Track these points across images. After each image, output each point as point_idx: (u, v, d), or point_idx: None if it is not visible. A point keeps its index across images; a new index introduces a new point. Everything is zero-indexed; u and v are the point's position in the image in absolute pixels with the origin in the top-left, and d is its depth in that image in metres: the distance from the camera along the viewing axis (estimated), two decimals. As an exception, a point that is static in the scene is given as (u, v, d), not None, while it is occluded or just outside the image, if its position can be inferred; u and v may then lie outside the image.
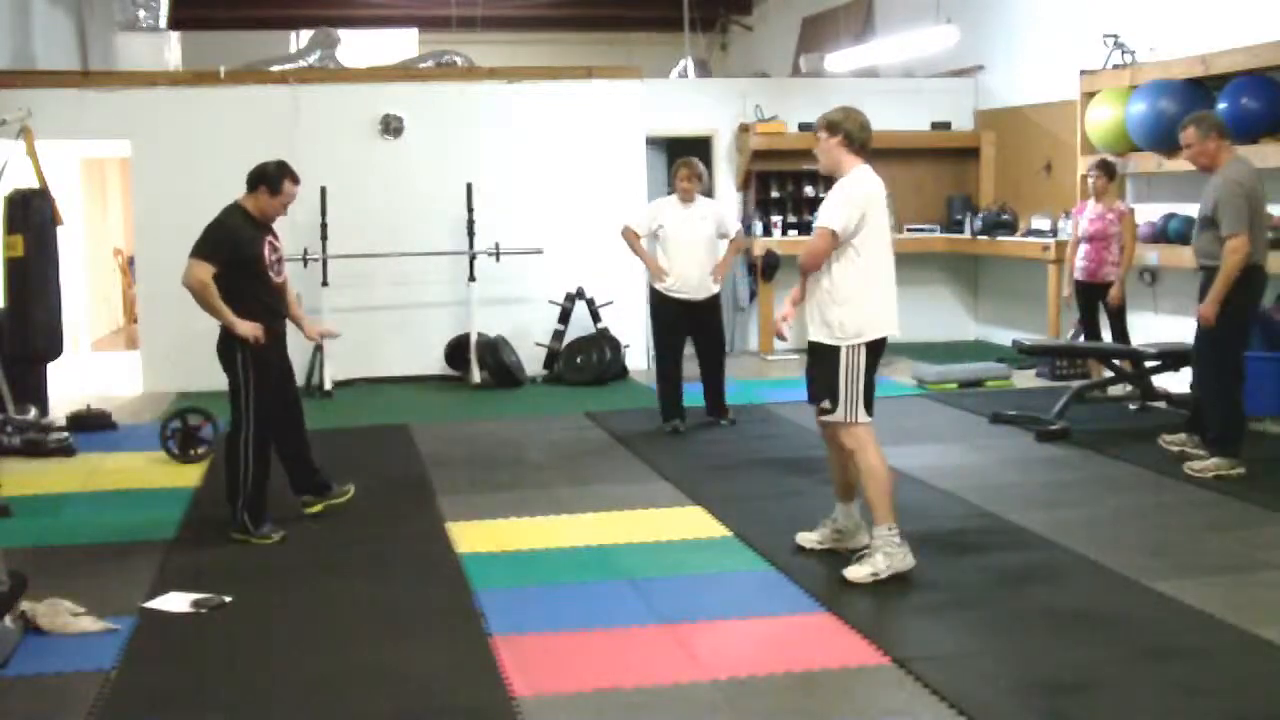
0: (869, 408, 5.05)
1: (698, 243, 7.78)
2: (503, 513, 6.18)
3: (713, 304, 7.98)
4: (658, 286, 7.92)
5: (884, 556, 4.95)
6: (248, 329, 5.56)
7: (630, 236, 8.00)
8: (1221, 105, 8.29)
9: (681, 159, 8.14)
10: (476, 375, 9.99)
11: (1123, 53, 9.55)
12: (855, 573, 4.95)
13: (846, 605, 4.73)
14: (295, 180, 5.85)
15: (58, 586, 4.82)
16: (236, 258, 5.63)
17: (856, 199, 4.97)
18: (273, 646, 4.45)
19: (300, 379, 6.77)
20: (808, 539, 5.39)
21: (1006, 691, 3.93)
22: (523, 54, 16.26)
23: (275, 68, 11.28)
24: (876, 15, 13.56)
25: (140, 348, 10.33)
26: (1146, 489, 6.45)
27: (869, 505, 5.05)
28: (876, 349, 5.07)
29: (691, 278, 7.79)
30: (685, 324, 7.92)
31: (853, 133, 5.03)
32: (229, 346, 5.65)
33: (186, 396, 9.05)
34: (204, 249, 5.60)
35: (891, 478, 5.09)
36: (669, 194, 8.17)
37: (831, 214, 4.97)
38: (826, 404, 5.04)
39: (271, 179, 5.75)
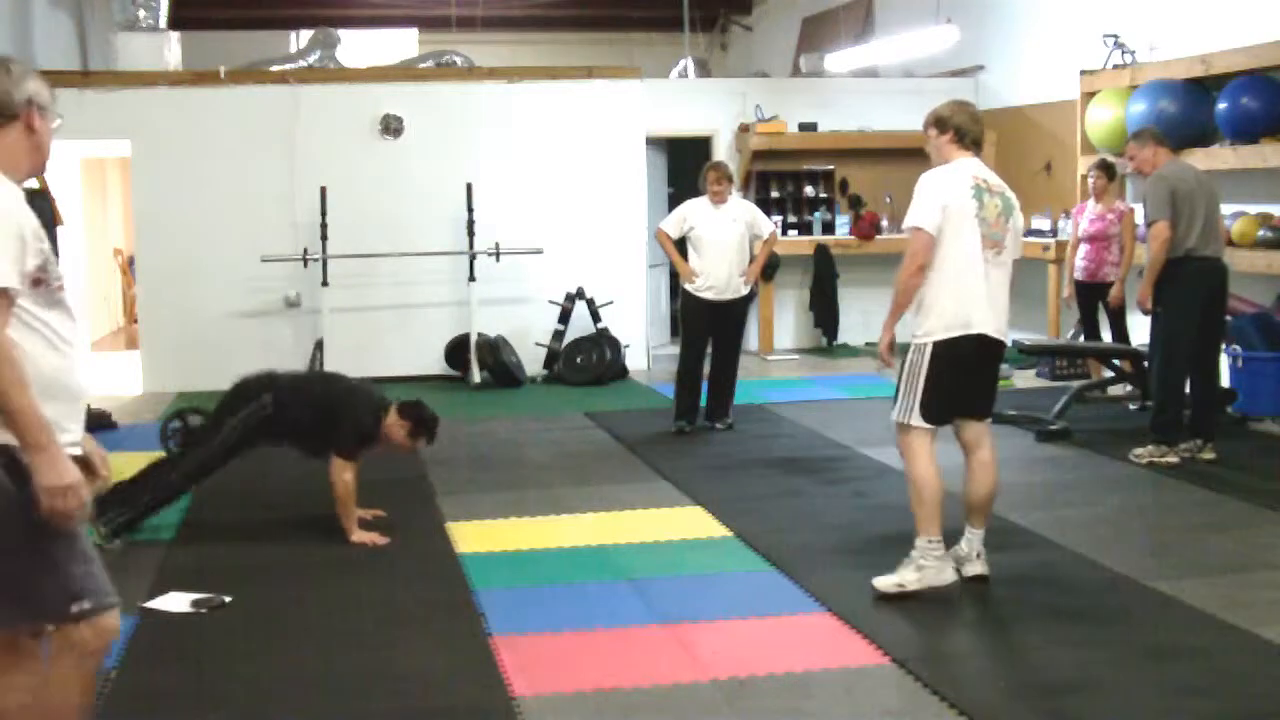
0: (929, 414, 4.79)
1: (728, 244, 7.81)
2: (503, 513, 6.18)
3: (740, 305, 8.01)
4: (687, 287, 7.96)
5: (916, 569, 4.76)
6: (364, 538, 5.61)
7: (662, 238, 8.06)
8: (1221, 105, 8.30)
9: (710, 162, 8.24)
10: (476, 375, 9.99)
11: (1123, 53, 9.56)
12: (882, 582, 4.77)
13: (846, 605, 4.72)
14: (429, 440, 5.81)
15: (58, 586, 4.81)
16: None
17: (928, 193, 4.80)
18: (273, 646, 4.45)
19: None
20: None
21: (1006, 691, 3.93)
22: (523, 54, 16.25)
23: (275, 68, 11.27)
24: (876, 15, 13.56)
25: (140, 348, 10.34)
26: (1146, 489, 6.45)
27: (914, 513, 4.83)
28: (960, 351, 4.78)
29: (720, 278, 7.81)
30: (710, 324, 7.95)
31: (964, 126, 4.88)
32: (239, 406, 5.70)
33: (186, 396, 9.05)
34: (357, 453, 5.61)
35: (940, 490, 4.79)
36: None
37: (911, 212, 4.82)
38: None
39: (424, 425, 5.72)
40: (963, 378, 4.82)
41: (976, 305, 4.76)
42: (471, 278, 10.15)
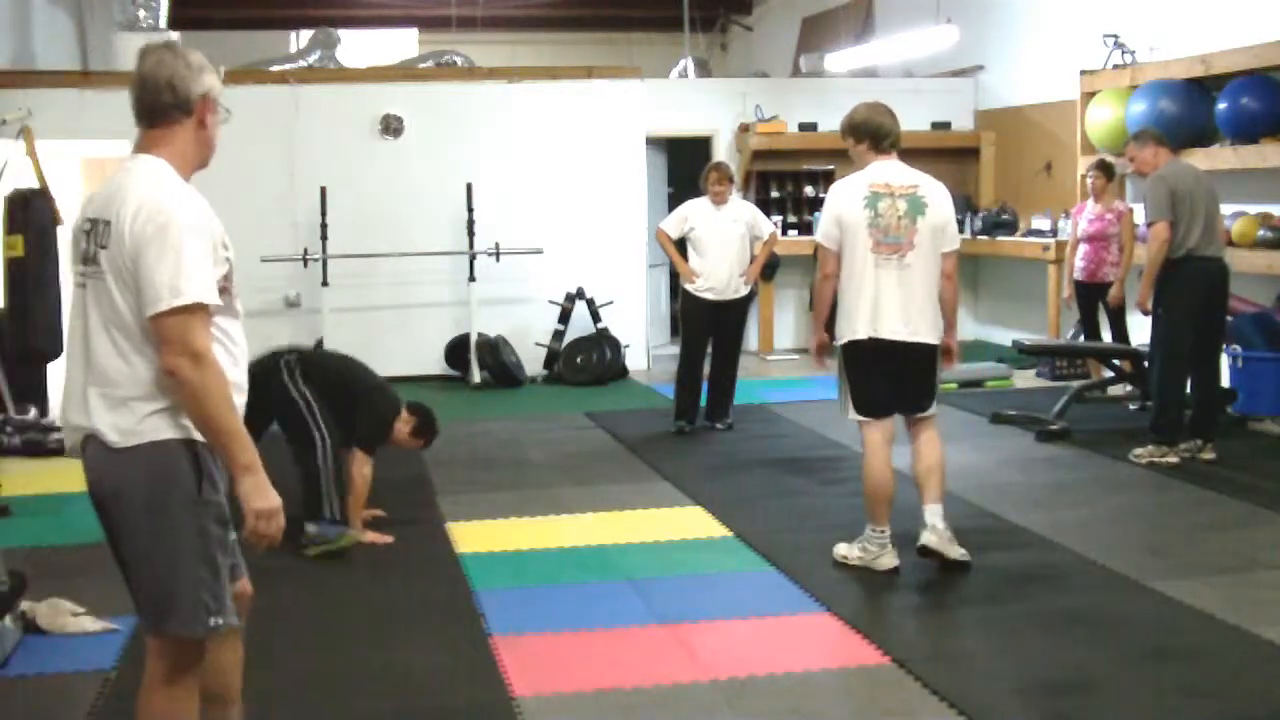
0: (862, 409, 5.06)
1: (729, 244, 7.81)
2: (503, 513, 6.18)
3: (740, 305, 8.02)
4: (688, 287, 7.96)
5: (861, 549, 5.11)
6: (372, 537, 5.67)
7: (663, 238, 8.06)
8: (1221, 105, 8.30)
9: (711, 163, 8.25)
10: (476, 375, 9.99)
11: (1123, 53, 9.55)
12: (838, 548, 5.21)
13: (846, 605, 4.73)
14: (427, 444, 6.00)
15: (58, 586, 4.81)
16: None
17: (826, 207, 5.12)
18: (273, 646, 4.44)
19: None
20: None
21: (1006, 691, 3.93)
22: (523, 54, 16.24)
23: (275, 68, 11.27)
24: (876, 15, 13.56)
25: (140, 348, 10.32)
26: (1146, 489, 6.45)
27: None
28: (868, 352, 5.00)
29: (721, 279, 7.82)
30: (710, 324, 7.95)
31: (880, 129, 5.03)
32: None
33: (186, 396, 9.04)
34: (373, 446, 5.71)
35: (884, 485, 5.04)
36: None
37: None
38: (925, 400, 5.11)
39: (428, 428, 5.90)
40: (879, 377, 5.04)
41: (872, 311, 4.95)
42: (471, 278, 10.15)
